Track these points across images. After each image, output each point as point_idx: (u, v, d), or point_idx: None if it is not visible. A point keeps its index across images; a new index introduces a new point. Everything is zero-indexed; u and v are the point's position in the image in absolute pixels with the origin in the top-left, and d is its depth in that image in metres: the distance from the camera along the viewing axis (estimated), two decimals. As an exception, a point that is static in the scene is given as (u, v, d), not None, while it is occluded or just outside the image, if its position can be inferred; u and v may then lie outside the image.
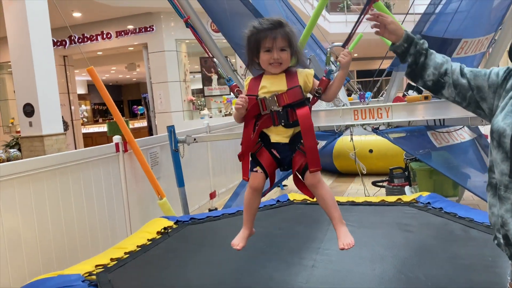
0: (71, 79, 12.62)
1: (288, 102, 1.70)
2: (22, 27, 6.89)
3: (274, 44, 1.69)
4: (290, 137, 1.74)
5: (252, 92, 1.76)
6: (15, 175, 2.74)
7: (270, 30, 1.69)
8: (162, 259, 2.44)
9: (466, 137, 4.06)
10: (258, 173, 1.76)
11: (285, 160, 1.77)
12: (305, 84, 1.74)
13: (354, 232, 2.64)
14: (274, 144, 1.76)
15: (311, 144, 1.69)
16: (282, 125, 1.72)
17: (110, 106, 3.68)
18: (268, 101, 1.71)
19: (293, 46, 1.71)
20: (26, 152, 7.14)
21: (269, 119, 1.73)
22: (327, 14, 14.90)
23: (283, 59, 1.70)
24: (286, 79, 1.73)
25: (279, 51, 1.69)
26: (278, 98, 1.70)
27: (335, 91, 1.79)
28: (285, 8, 5.26)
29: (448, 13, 3.28)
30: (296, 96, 1.70)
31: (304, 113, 1.70)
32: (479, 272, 2.06)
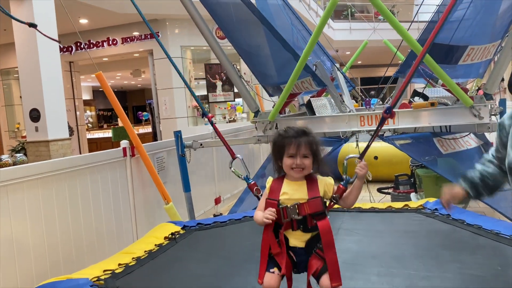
0: (77, 84, 12.71)
1: (309, 212, 1.75)
2: (29, 33, 6.96)
3: (298, 151, 1.77)
4: (307, 241, 1.78)
5: (274, 196, 1.81)
6: (24, 179, 2.76)
7: (295, 138, 1.78)
8: (170, 267, 2.44)
9: (472, 144, 4.06)
10: (275, 274, 1.77)
11: (301, 264, 1.80)
12: (325, 193, 1.80)
13: (361, 241, 2.66)
14: (291, 247, 1.80)
15: (333, 258, 1.72)
16: (300, 230, 1.78)
17: (118, 110, 3.71)
18: (289, 210, 1.76)
19: (316, 153, 1.79)
20: (32, 157, 7.18)
21: (288, 224, 1.78)
22: (331, 21, 14.96)
23: (306, 165, 1.76)
24: (307, 187, 1.79)
25: (302, 157, 1.76)
26: (299, 208, 1.75)
27: (353, 199, 1.86)
28: (290, 15, 5.30)
29: (453, 21, 3.30)
30: (316, 207, 1.76)
31: (325, 226, 1.75)
32: (488, 281, 2.05)
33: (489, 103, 3.31)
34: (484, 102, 3.30)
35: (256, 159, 6.59)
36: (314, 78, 3.86)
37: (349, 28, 15.69)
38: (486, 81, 3.56)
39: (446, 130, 3.68)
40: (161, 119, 11.47)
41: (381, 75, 6.13)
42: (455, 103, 3.64)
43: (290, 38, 4.65)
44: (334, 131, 3.91)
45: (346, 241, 2.68)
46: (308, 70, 3.82)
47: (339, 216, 3.13)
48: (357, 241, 2.68)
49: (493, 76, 3.44)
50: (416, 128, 3.67)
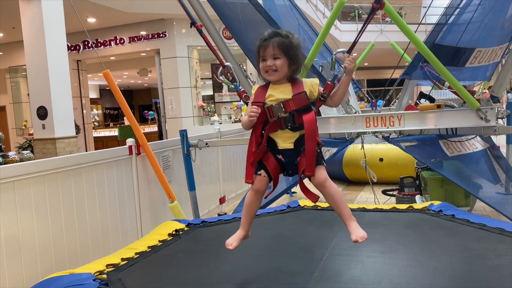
0: (84, 83, 12.79)
1: (294, 108, 1.76)
2: (38, 31, 7.02)
3: (266, 53, 1.77)
4: (294, 141, 1.80)
5: (259, 99, 1.83)
6: (31, 175, 2.79)
7: (265, 40, 1.79)
8: (173, 259, 2.46)
9: (478, 147, 4.04)
10: (262, 176, 1.82)
11: (290, 164, 1.83)
12: (311, 93, 1.80)
13: (365, 231, 2.66)
14: (280, 150, 1.82)
15: (311, 147, 1.74)
16: (288, 129, 1.78)
17: (124, 109, 3.73)
18: (275, 109, 1.77)
19: (289, 53, 1.77)
20: (38, 154, 7.24)
21: (276, 124, 1.79)
22: (338, 22, 14.95)
23: (277, 66, 1.76)
24: (292, 87, 1.80)
25: (272, 59, 1.76)
26: (284, 105, 1.76)
27: (340, 96, 1.85)
28: (297, 16, 5.31)
29: (461, 24, 3.29)
30: (301, 102, 1.77)
31: (310, 118, 1.76)
32: (492, 262, 2.09)
33: (496, 106, 3.30)
34: (491, 105, 3.29)
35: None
36: (320, 79, 3.86)
37: (356, 30, 15.66)
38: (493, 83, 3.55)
39: (452, 132, 3.67)
40: (167, 119, 11.52)
41: (387, 77, 6.12)
42: (462, 105, 3.63)
43: (302, 47, 4.65)
44: (339, 132, 3.91)
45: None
46: (315, 71, 3.82)
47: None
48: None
49: (500, 79, 3.42)
50: (422, 130, 3.66)
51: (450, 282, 1.92)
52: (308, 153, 1.74)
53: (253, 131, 1.84)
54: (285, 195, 5.99)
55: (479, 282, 1.90)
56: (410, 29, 3.19)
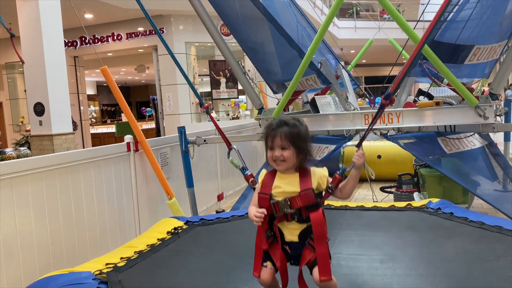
0: (81, 79, 12.74)
1: (301, 205, 1.72)
2: (35, 27, 6.98)
3: (274, 143, 1.75)
4: (299, 234, 1.75)
5: (266, 190, 1.78)
6: (28, 172, 2.77)
7: (273, 130, 1.76)
8: (172, 261, 2.45)
9: (476, 144, 4.04)
10: (268, 268, 1.76)
11: (295, 256, 1.78)
12: (318, 185, 1.76)
13: (364, 235, 2.68)
14: (287, 242, 1.77)
15: (322, 250, 1.69)
16: (295, 221, 1.74)
17: (122, 105, 3.72)
18: (281, 204, 1.73)
19: (297, 144, 1.74)
20: (35, 150, 7.21)
21: (282, 217, 1.75)
22: (336, 19, 14.92)
23: (285, 157, 1.73)
24: (299, 179, 1.76)
25: (280, 149, 1.73)
26: (291, 201, 1.72)
27: (350, 190, 1.80)
28: (296, 12, 5.29)
29: (460, 21, 3.29)
30: (309, 200, 1.72)
31: (318, 218, 1.71)
32: (491, 264, 2.09)
33: (495, 103, 3.30)
34: (489, 102, 3.29)
35: (260, 156, 6.59)
36: (319, 75, 3.86)
37: (354, 27, 15.65)
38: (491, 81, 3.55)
39: (450, 129, 3.67)
40: (165, 115, 11.49)
41: (385, 74, 6.13)
42: (460, 102, 3.63)
43: (295, 35, 4.64)
44: (338, 129, 3.90)
45: (349, 235, 2.69)
46: (313, 68, 3.81)
47: (341, 213, 3.14)
48: (360, 234, 2.69)
49: (499, 76, 3.42)
50: (421, 127, 3.66)
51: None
52: (321, 257, 1.68)
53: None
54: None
55: (478, 287, 1.89)
56: (409, 26, 3.19)
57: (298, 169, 1.78)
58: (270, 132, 1.77)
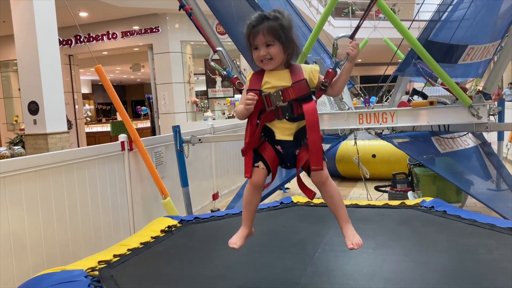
0: (76, 78, 12.69)
1: (294, 96, 1.63)
2: (29, 25, 6.94)
3: (257, 41, 1.63)
4: (294, 133, 1.68)
5: (255, 87, 1.69)
6: (22, 171, 2.76)
7: (254, 27, 1.63)
8: (165, 255, 2.45)
9: (470, 144, 4.07)
10: (260, 168, 1.69)
11: (288, 156, 1.71)
12: (310, 80, 1.67)
13: (357, 227, 2.66)
14: (278, 140, 1.70)
15: (315, 138, 1.61)
16: (286, 119, 1.66)
17: (117, 104, 3.70)
18: (273, 97, 1.64)
19: (282, 38, 1.62)
20: (29, 149, 7.18)
21: (273, 113, 1.67)
22: (332, 19, 14.95)
23: (272, 54, 1.63)
24: (290, 74, 1.67)
25: (265, 47, 1.62)
26: (283, 93, 1.63)
27: (342, 85, 1.73)
28: (291, 12, 5.29)
29: (454, 21, 3.30)
30: (302, 90, 1.64)
31: (311, 107, 1.63)
32: (483, 257, 2.12)
33: (488, 103, 3.32)
34: (483, 101, 3.31)
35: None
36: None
37: (349, 26, 15.66)
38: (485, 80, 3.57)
39: (444, 129, 3.69)
40: (160, 114, 11.46)
41: (380, 73, 6.14)
42: (454, 102, 3.65)
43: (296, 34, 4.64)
44: (332, 128, 3.91)
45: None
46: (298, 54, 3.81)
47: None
48: (354, 228, 2.71)
49: (492, 76, 3.44)
50: (415, 126, 3.68)
51: (441, 277, 1.94)
52: (313, 146, 1.60)
53: (249, 121, 1.71)
54: (278, 191, 5.99)
55: (469, 277, 1.92)
56: (404, 26, 3.20)
57: (288, 65, 1.69)
58: (251, 30, 1.64)
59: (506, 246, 2.23)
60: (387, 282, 1.91)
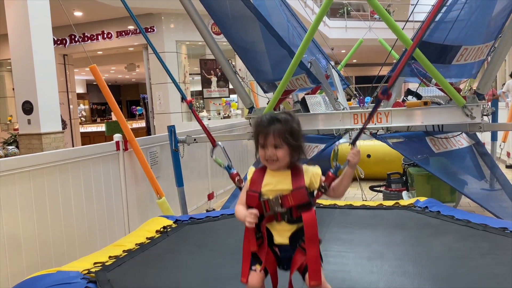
0: (71, 78, 12.63)
1: (293, 204, 1.62)
2: (23, 24, 6.90)
3: (266, 141, 1.64)
4: (290, 236, 1.65)
5: (255, 187, 1.67)
6: (16, 171, 2.75)
7: (265, 127, 1.65)
8: (161, 259, 2.45)
9: (464, 144, 4.09)
10: (257, 272, 1.64)
11: (286, 260, 1.68)
12: (311, 183, 1.66)
13: (352, 232, 2.70)
14: (276, 244, 1.67)
15: (314, 253, 1.59)
16: (285, 221, 1.65)
17: (111, 104, 3.70)
18: (272, 203, 1.63)
19: (290, 142, 1.63)
20: (24, 149, 7.13)
21: (272, 216, 1.65)
22: (327, 19, 14.97)
23: (279, 156, 1.63)
24: (291, 177, 1.66)
25: (273, 148, 1.63)
26: (282, 200, 1.62)
27: (343, 189, 1.72)
28: (286, 12, 5.30)
29: (448, 21, 3.32)
30: (301, 199, 1.62)
31: (310, 218, 1.61)
32: (477, 261, 2.13)
33: (481, 103, 3.34)
34: (476, 102, 3.33)
35: (251, 155, 6.60)
36: (309, 75, 3.87)
37: (344, 27, 15.71)
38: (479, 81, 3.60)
39: (438, 129, 3.71)
40: (155, 114, 11.43)
41: (375, 73, 6.17)
42: (448, 102, 3.67)
43: (286, 35, 4.66)
44: (327, 128, 3.93)
45: (338, 233, 2.72)
46: (303, 67, 3.83)
47: (330, 212, 3.16)
48: (348, 232, 2.72)
49: (486, 77, 3.47)
50: (409, 126, 3.70)
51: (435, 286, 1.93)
52: (311, 260, 1.58)
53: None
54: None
55: (463, 284, 1.93)
56: (398, 26, 3.22)
57: (290, 167, 1.68)
58: (261, 129, 1.66)
59: (499, 249, 2.25)
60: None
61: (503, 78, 14.38)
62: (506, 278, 1.93)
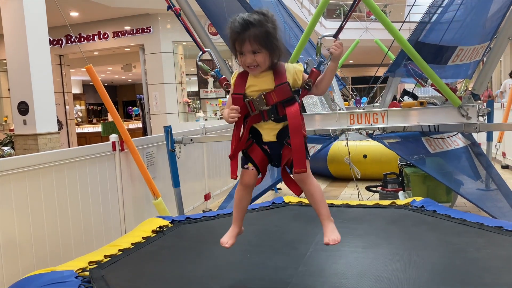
0: (67, 78, 12.58)
1: (277, 100, 1.65)
2: (19, 25, 6.87)
3: (243, 48, 1.62)
4: (277, 134, 1.71)
5: (239, 90, 1.70)
6: (11, 171, 2.73)
7: (239, 34, 1.61)
8: (156, 255, 2.44)
9: (459, 144, 4.11)
10: (250, 169, 1.73)
11: (276, 156, 1.75)
12: (294, 81, 1.68)
13: (348, 227, 2.71)
14: (266, 142, 1.74)
15: (297, 142, 1.63)
16: (272, 120, 1.69)
17: (108, 104, 3.69)
18: (256, 102, 1.66)
19: (268, 45, 1.62)
20: (19, 150, 7.10)
21: (258, 116, 1.70)
22: (323, 20, 15.00)
23: (259, 61, 1.63)
24: (274, 76, 1.68)
25: (252, 54, 1.62)
26: (266, 98, 1.66)
27: (326, 84, 1.73)
28: (283, 12, 5.31)
29: (443, 22, 3.34)
30: (284, 94, 1.65)
31: (293, 111, 1.65)
32: (472, 255, 2.15)
33: (477, 104, 3.36)
34: (472, 102, 3.34)
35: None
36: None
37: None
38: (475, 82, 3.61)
39: (434, 129, 3.73)
40: (152, 115, 11.42)
41: (372, 74, 6.18)
42: (444, 103, 3.69)
43: (282, 35, 4.65)
44: (324, 128, 3.93)
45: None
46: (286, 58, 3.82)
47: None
48: (344, 227, 2.73)
49: (481, 77, 3.49)
50: (405, 127, 3.71)
51: (431, 275, 1.96)
52: (295, 149, 1.62)
53: (235, 125, 1.74)
54: (270, 191, 6.00)
55: (459, 274, 1.95)
56: (394, 27, 3.23)
57: (272, 67, 1.69)
58: (236, 36, 1.62)
59: (494, 245, 2.26)
60: (378, 281, 1.92)
61: (498, 79, 14.45)
62: (501, 271, 1.94)
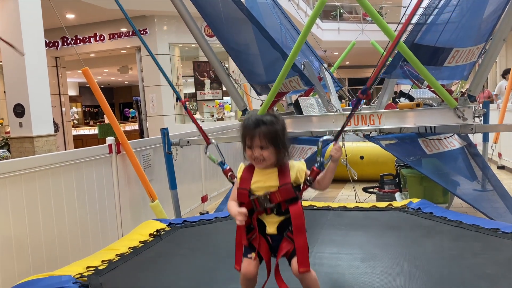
0: (63, 80, 12.54)
1: (281, 199, 1.73)
2: (14, 26, 6.84)
3: (253, 143, 1.73)
4: (277, 226, 1.76)
5: (245, 185, 1.78)
6: (7, 174, 2.72)
7: (251, 129, 1.74)
8: (154, 263, 2.43)
9: (456, 145, 4.12)
10: (253, 260, 1.75)
11: (276, 247, 1.79)
12: (297, 178, 1.77)
13: (346, 234, 2.71)
14: (268, 234, 1.78)
15: (301, 242, 1.70)
16: (274, 213, 1.76)
17: (104, 107, 3.68)
18: (261, 200, 1.74)
19: (276, 143, 1.72)
20: (15, 153, 7.07)
21: (262, 210, 1.76)
22: (320, 21, 15.04)
23: (265, 156, 1.72)
24: (278, 174, 1.76)
25: (259, 149, 1.72)
26: (271, 197, 1.73)
27: (327, 182, 1.82)
28: (279, 14, 5.32)
29: (439, 24, 3.35)
30: (288, 194, 1.73)
31: (297, 211, 1.73)
32: (468, 261, 2.15)
33: (473, 105, 3.37)
34: (468, 103, 3.36)
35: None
36: (302, 77, 3.88)
37: (337, 29, 15.78)
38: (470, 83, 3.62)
39: (430, 130, 3.73)
40: (148, 117, 11.39)
41: (368, 75, 6.19)
42: (440, 104, 3.70)
43: (279, 37, 4.67)
44: (321, 130, 3.93)
45: (331, 235, 2.72)
46: (296, 70, 3.84)
47: (324, 213, 3.16)
48: (342, 234, 2.73)
49: (477, 79, 3.50)
50: (402, 128, 3.71)
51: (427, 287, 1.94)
52: (300, 249, 1.70)
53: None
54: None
55: (456, 283, 1.94)
56: (390, 29, 3.23)
57: (277, 164, 1.77)
58: (247, 131, 1.75)
59: (491, 249, 2.26)
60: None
61: (494, 80, 14.52)
62: (498, 277, 1.94)
